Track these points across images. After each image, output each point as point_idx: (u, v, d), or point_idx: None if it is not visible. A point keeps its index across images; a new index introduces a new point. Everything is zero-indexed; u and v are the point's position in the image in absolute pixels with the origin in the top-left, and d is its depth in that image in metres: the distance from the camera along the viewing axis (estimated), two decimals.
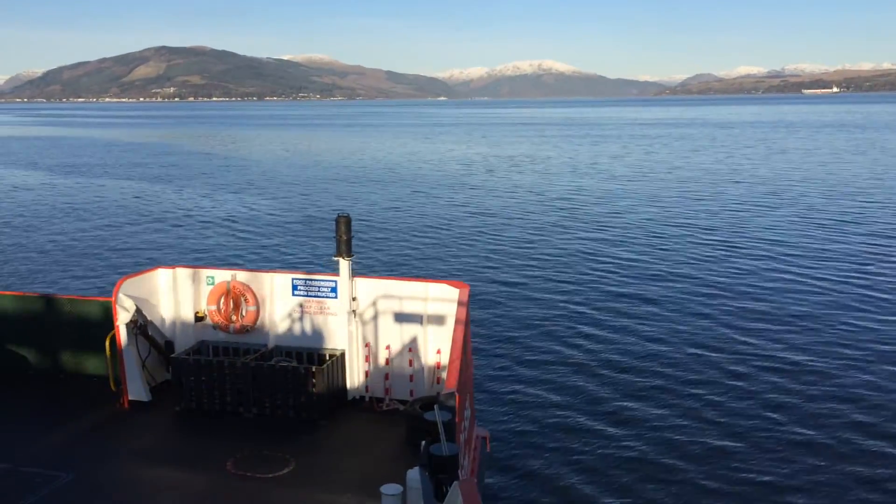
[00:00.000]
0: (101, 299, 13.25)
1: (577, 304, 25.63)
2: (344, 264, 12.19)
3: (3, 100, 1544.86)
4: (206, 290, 13.28)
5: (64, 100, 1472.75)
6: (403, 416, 11.39)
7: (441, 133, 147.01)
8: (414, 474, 7.18)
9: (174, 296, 13.37)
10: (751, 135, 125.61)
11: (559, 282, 28.66)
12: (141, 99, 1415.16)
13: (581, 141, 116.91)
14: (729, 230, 38.67)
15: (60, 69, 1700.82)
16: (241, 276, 13.20)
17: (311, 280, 12.82)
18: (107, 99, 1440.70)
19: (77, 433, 11.42)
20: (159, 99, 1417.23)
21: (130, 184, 64.33)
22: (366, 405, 12.53)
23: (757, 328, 22.71)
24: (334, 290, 12.57)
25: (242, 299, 13.02)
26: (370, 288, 12.50)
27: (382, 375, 12.50)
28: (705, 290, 27.11)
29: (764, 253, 33.06)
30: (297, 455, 10.63)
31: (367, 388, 12.65)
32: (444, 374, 11.56)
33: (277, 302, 13.00)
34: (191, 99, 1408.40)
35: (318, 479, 9.94)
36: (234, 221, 44.00)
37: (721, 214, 43.93)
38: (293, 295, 12.88)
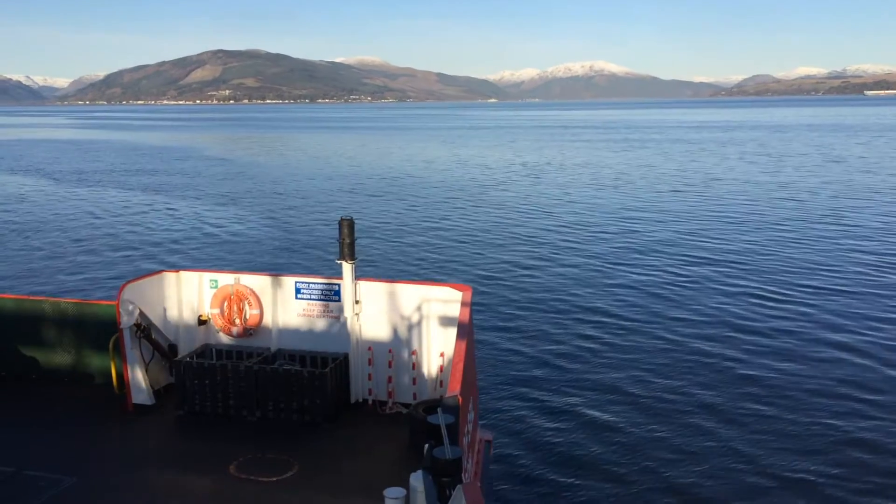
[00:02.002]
0: (105, 303, 13.12)
1: (582, 307, 25.19)
2: (347, 267, 12.11)
3: (66, 102, 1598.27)
4: (209, 293, 13.24)
5: (124, 102, 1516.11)
6: (406, 419, 11.31)
7: (471, 137, 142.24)
8: (417, 478, 7.09)
9: (178, 299, 13.34)
10: (805, 139, 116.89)
11: (564, 285, 28.21)
12: (197, 101, 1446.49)
13: (616, 146, 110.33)
14: (765, 258, 32.89)
15: (121, 72, 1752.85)
16: (245, 279, 13.15)
17: (314, 283, 12.80)
18: (164, 101, 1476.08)
19: (81, 437, 11.34)
20: (215, 101, 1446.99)
21: (138, 188, 63.44)
22: (369, 408, 12.41)
23: (780, 356, 20.38)
24: (337, 293, 12.56)
25: (246, 303, 12.99)
26: (373, 291, 12.44)
27: (385, 378, 12.44)
28: (719, 296, 25.83)
29: (811, 293, 27.07)
30: (301, 458, 10.52)
31: (370, 391, 12.56)
32: (447, 377, 11.45)
33: (281, 305, 12.95)
34: (245, 101, 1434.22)
35: (321, 483, 9.87)
36: (237, 225, 43.48)
37: (757, 237, 37.97)
38: (296, 298, 12.85)
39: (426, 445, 7.36)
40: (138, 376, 12.28)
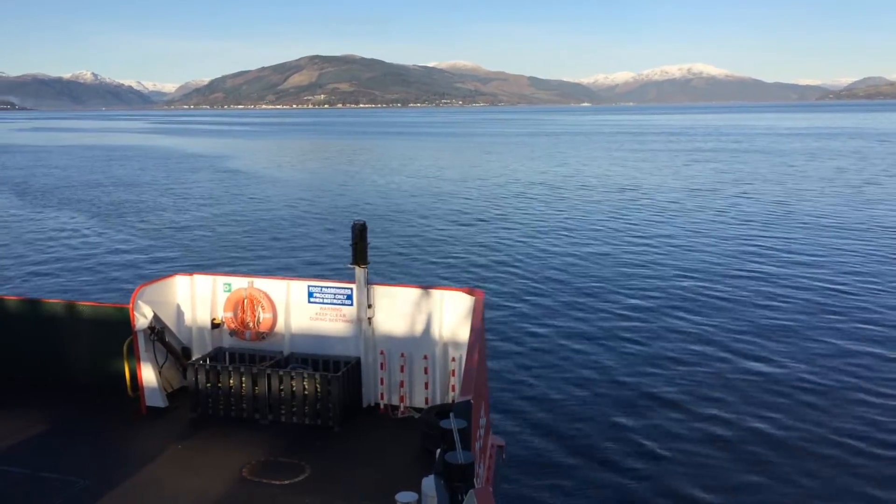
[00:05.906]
0: (118, 306, 12.97)
1: (595, 312, 24.80)
2: (359, 272, 12.12)
3: (172, 106, 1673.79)
4: (222, 296, 13.17)
5: (226, 106, 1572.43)
6: (418, 423, 11.38)
7: (525, 146, 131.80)
8: (429, 482, 7.01)
9: (191, 302, 13.34)
10: None
11: (577, 290, 27.91)
12: (294, 106, 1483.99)
13: (679, 157, 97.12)
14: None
15: (224, 78, 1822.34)
16: (258, 283, 13.09)
17: (326, 287, 12.80)
18: (263, 106, 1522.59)
19: (94, 439, 11.36)
20: (310, 105, 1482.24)
21: (155, 192, 63.06)
22: (381, 413, 12.36)
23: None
24: (350, 297, 12.54)
25: (259, 306, 12.94)
26: (385, 295, 12.45)
27: (397, 383, 12.40)
28: (731, 304, 25.65)
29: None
30: (313, 462, 10.55)
31: (382, 395, 12.48)
32: (459, 382, 11.16)
33: (293, 309, 12.93)
34: (339, 105, 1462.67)
35: (333, 487, 9.93)
36: (251, 229, 43.31)
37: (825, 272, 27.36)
38: (309, 302, 12.83)
39: (438, 450, 7.43)
40: (152, 379, 12.34)
